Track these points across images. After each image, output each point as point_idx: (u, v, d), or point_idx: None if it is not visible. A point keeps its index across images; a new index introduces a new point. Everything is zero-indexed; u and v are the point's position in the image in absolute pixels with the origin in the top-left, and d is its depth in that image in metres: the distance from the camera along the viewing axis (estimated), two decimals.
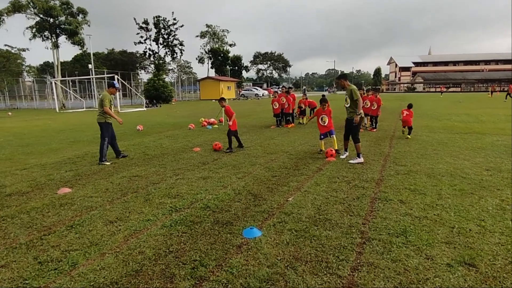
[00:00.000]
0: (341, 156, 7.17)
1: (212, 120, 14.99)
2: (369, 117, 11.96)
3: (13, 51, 36.25)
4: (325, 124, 7.69)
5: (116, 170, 6.57)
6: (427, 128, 11.83)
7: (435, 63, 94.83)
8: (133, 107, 31.97)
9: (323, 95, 8.83)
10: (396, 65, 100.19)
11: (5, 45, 35.77)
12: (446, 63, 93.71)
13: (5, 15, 31.83)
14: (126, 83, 32.74)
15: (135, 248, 3.29)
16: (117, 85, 7.70)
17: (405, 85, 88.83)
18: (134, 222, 3.95)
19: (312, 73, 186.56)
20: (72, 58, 70.37)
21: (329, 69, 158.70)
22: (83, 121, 18.46)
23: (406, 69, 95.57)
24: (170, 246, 3.30)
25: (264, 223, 3.83)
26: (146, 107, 31.96)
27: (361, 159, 6.73)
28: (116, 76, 27.02)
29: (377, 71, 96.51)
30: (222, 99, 8.62)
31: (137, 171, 6.42)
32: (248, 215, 4.07)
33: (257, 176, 5.86)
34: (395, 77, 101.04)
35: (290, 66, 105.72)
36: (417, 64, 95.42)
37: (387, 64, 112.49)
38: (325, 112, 7.73)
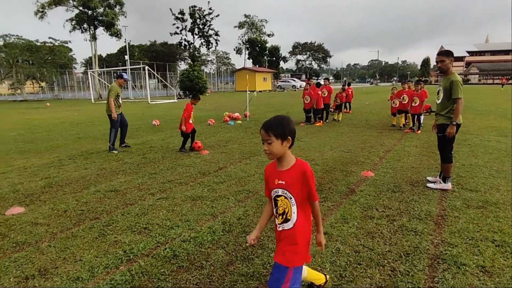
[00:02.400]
0: (428, 185, 4.69)
1: (236, 114, 13.60)
2: (408, 115, 10.26)
3: (56, 43, 37.15)
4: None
5: (97, 180, 5.38)
6: (494, 129, 9.52)
7: (493, 52, 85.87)
8: (166, 99, 31.54)
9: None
10: None
11: (49, 37, 36.71)
12: (506, 52, 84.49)
13: (47, 8, 32.62)
14: (157, 74, 32.30)
15: None
16: (125, 76, 7.81)
17: None
18: (56, 282, 2.63)
19: (354, 64, 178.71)
20: (118, 50, 72.37)
21: (372, 60, 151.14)
22: None
23: (459, 59, 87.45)
24: None
25: None
26: (178, 98, 31.39)
27: (448, 185, 4.51)
28: (147, 67, 26.61)
29: (425, 62, 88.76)
30: (195, 95, 7.47)
31: (119, 183, 5.17)
32: (227, 281, 2.59)
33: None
34: None
35: (330, 56, 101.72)
36: (471, 53, 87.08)
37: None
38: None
